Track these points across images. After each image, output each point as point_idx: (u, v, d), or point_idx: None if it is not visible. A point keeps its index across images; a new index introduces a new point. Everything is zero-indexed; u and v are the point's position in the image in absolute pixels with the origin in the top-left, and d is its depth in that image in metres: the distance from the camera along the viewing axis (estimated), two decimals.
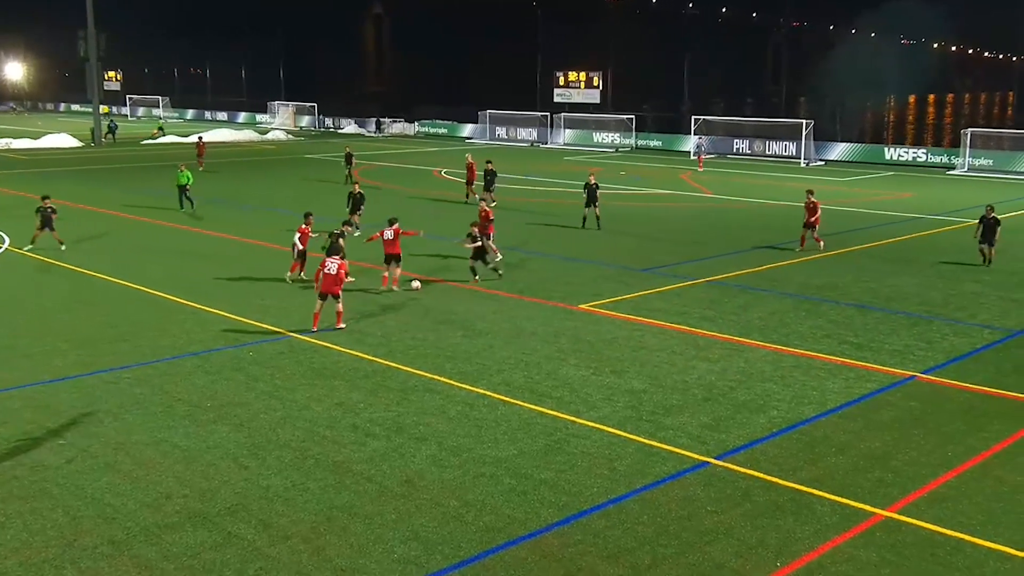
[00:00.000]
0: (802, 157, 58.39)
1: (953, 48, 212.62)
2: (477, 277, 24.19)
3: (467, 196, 38.27)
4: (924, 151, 59.59)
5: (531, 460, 13.23)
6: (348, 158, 45.60)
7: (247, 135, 78.40)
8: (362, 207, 30.99)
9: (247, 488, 12.33)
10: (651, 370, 17.34)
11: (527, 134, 74.97)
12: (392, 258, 22.98)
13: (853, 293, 23.54)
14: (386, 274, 23.23)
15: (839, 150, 60.63)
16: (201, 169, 49.07)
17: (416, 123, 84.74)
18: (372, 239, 23.95)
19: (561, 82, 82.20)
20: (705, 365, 17.67)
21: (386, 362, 17.63)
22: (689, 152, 61.31)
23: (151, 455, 13.38)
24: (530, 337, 19.35)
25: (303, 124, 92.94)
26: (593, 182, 32.26)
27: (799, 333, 19.87)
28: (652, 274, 25.48)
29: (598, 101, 79.99)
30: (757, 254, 28.50)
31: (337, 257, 19.55)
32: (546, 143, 72.70)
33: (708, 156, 59.29)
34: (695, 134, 63.03)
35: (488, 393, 15.98)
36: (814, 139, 59.70)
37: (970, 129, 56.28)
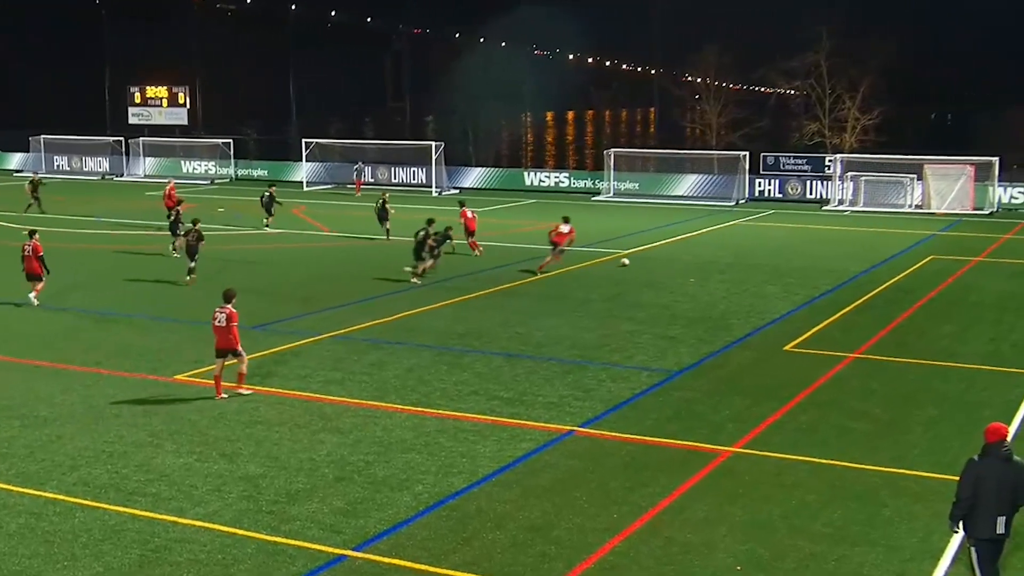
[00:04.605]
0: (434, 185, 60.58)
1: (590, 60, 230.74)
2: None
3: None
4: (567, 175, 64.01)
5: None
6: (34, 185, 49.20)
7: None
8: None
9: None
10: (269, 449, 17.17)
11: (97, 164, 71.95)
12: None
13: (500, 340, 24.68)
14: None
15: (475, 176, 63.61)
16: None
17: None
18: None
19: (138, 99, 80.00)
20: (335, 438, 17.74)
21: None
22: (302, 183, 61.77)
23: None
24: (113, 420, 18.57)
25: None
26: (383, 202, 41.20)
27: (442, 391, 20.51)
28: (264, 332, 25.27)
29: (186, 122, 78.63)
30: (388, 301, 29.13)
31: (228, 306, 19.63)
32: (122, 175, 70.15)
33: (325, 187, 59.98)
34: (307, 160, 63.62)
35: (60, 497, 15.11)
36: (446, 164, 62.19)
37: (613, 150, 61.25)
